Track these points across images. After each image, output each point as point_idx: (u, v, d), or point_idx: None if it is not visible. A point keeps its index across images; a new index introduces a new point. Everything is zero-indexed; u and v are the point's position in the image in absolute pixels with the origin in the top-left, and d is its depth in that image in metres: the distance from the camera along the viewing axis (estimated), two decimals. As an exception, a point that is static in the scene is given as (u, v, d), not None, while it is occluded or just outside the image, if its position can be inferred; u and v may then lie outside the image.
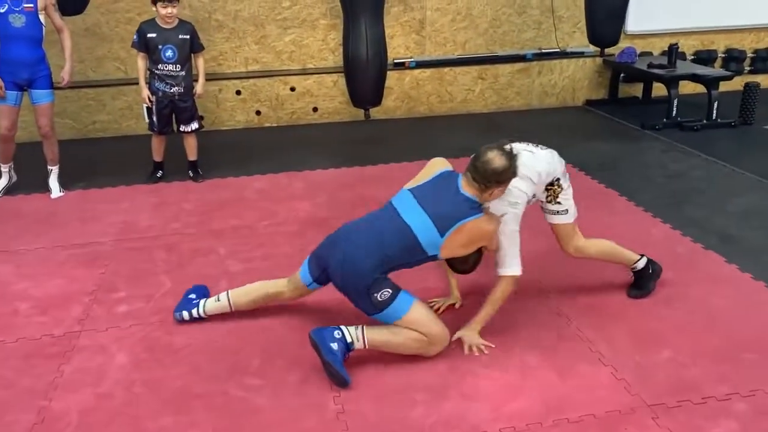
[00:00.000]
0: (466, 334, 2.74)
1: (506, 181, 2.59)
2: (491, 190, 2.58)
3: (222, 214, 4.16)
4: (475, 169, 2.57)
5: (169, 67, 4.48)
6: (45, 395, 2.50)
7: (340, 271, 2.63)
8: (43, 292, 3.25)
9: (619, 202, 4.26)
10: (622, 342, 2.78)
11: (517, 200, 2.70)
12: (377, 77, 5.15)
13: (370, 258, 2.57)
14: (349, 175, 4.87)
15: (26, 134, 5.26)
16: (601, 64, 6.72)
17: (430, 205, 2.61)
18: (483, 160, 2.55)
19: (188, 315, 2.93)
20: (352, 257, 2.59)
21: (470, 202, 2.59)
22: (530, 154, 2.81)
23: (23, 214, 4.21)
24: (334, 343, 2.53)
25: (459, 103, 6.57)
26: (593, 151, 5.31)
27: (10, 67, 4.25)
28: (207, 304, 2.93)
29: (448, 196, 2.62)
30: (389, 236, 2.60)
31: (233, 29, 6.06)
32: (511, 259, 2.68)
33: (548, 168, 2.82)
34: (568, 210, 2.94)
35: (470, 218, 2.55)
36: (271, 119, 6.24)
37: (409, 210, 2.64)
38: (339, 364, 2.49)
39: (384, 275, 2.60)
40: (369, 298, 2.57)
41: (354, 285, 2.61)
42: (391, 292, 2.58)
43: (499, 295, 2.73)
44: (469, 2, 6.42)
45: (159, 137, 4.74)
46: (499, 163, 2.54)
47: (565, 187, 2.91)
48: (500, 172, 2.54)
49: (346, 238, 2.68)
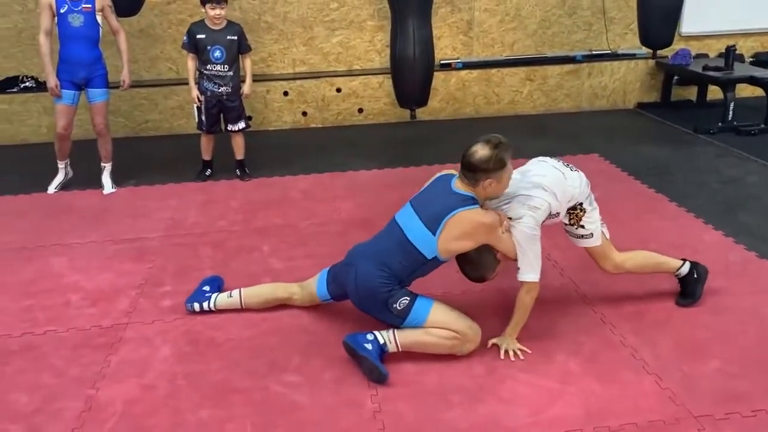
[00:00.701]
0: (502, 340, 2.71)
1: (493, 171, 2.54)
2: (482, 183, 2.57)
3: (266, 213, 4.22)
4: (462, 165, 2.60)
5: (217, 67, 4.57)
6: (92, 384, 2.57)
7: (355, 291, 2.70)
8: (93, 285, 3.35)
9: (670, 207, 4.14)
10: (668, 350, 2.70)
11: (537, 206, 2.64)
12: (424, 77, 5.14)
13: (380, 273, 2.62)
14: (392, 176, 4.88)
15: (81, 132, 5.45)
16: (654, 66, 6.55)
17: (422, 209, 2.66)
18: (468, 152, 2.59)
19: (199, 306, 3.00)
20: (363, 276, 2.65)
21: (461, 196, 2.59)
22: (559, 175, 2.76)
23: (77, 209, 4.36)
24: (368, 344, 2.57)
25: (506, 105, 6.51)
26: (644, 154, 5.18)
27: (69, 66, 4.41)
28: (218, 299, 3.01)
29: (441, 196, 2.65)
30: (392, 250, 2.65)
31: (282, 31, 6.15)
32: (528, 264, 2.62)
33: (573, 191, 2.76)
34: (593, 234, 2.86)
35: (459, 210, 2.55)
36: (316, 120, 6.31)
37: (408, 220, 2.68)
38: (376, 359, 2.52)
39: (399, 286, 2.62)
40: (389, 310, 2.61)
41: (372, 302, 2.65)
42: (408, 300, 2.60)
43: (521, 300, 2.67)
44: (519, 3, 6.36)
45: (207, 136, 4.84)
46: (482, 153, 2.55)
47: (588, 210, 2.84)
48: (483, 161, 2.53)
49: (357, 260, 2.73)
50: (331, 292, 2.88)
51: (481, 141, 2.60)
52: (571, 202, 2.78)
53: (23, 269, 3.54)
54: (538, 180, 2.72)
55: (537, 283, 2.65)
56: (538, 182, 2.71)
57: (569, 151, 5.23)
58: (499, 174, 2.57)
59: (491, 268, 2.71)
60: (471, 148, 2.59)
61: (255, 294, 3.02)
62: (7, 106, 5.87)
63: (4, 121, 5.90)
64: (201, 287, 3.09)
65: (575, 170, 2.84)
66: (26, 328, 2.97)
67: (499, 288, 3.08)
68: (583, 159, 5.06)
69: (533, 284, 2.65)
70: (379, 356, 2.55)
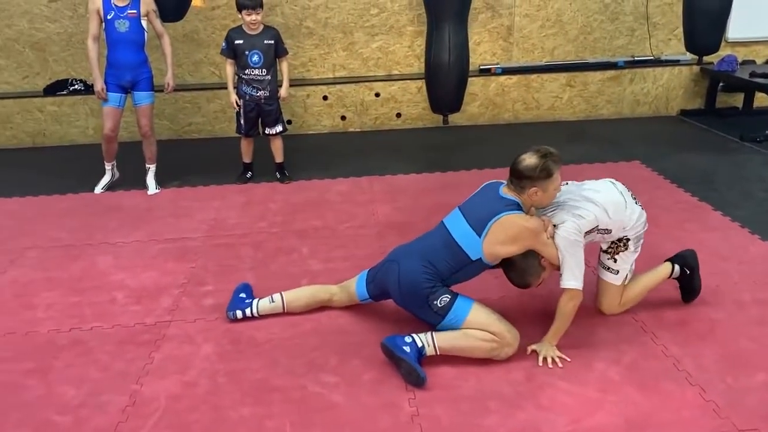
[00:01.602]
0: (540, 346, 2.70)
1: (539, 180, 2.57)
2: (528, 191, 2.60)
3: (305, 215, 4.27)
4: (510, 171, 2.65)
5: (255, 71, 4.64)
6: (136, 380, 2.64)
7: (398, 289, 2.73)
8: (137, 283, 3.44)
9: (714, 216, 4.06)
10: (711, 361, 2.65)
11: (583, 216, 2.63)
12: (458, 84, 5.14)
13: (423, 269, 2.65)
14: (430, 180, 4.89)
15: (127, 134, 5.60)
16: (698, 72, 6.42)
17: (469, 212, 2.71)
18: (516, 160, 2.64)
19: (241, 314, 3.02)
20: (406, 273, 2.69)
21: (507, 201, 2.64)
22: (620, 198, 2.74)
23: (122, 209, 4.47)
24: (407, 347, 2.58)
25: (545, 111, 6.46)
26: (687, 162, 5.08)
27: (115, 70, 4.54)
28: (261, 305, 3.03)
29: (488, 200, 2.70)
30: (437, 248, 2.69)
31: (322, 36, 6.22)
32: (569, 271, 2.59)
33: (628, 222, 2.74)
34: (619, 272, 2.85)
35: (504, 213, 2.58)
36: (355, 124, 6.35)
37: (455, 222, 2.74)
38: (414, 361, 2.53)
39: (441, 284, 2.65)
40: (430, 307, 2.63)
41: (413, 298, 2.68)
42: (449, 297, 2.63)
43: (562, 308, 2.64)
44: (560, 9, 6.31)
45: (247, 139, 4.91)
46: (529, 161, 2.59)
47: (630, 250, 2.81)
48: (530, 169, 2.57)
49: (401, 258, 2.77)
50: (370, 292, 2.91)
51: (531, 150, 2.64)
52: (622, 233, 2.76)
53: (71, 266, 3.65)
54: (590, 195, 2.71)
55: (579, 291, 2.62)
56: (589, 197, 2.69)
57: (610, 158, 5.17)
58: (545, 183, 2.59)
59: (536, 275, 2.70)
60: (520, 156, 2.64)
61: (296, 297, 3.05)
62: (57, 108, 6.06)
63: (53, 123, 6.10)
64: (237, 295, 3.11)
65: (640, 206, 2.82)
66: (74, 324, 3.06)
67: (537, 294, 3.06)
68: (624, 166, 4.99)
69: (575, 291, 2.62)
70: (417, 359, 2.57)
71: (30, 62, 6.12)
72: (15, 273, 3.58)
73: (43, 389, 2.60)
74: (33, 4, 5.94)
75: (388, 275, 2.78)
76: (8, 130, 6.08)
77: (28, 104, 6.05)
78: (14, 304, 3.25)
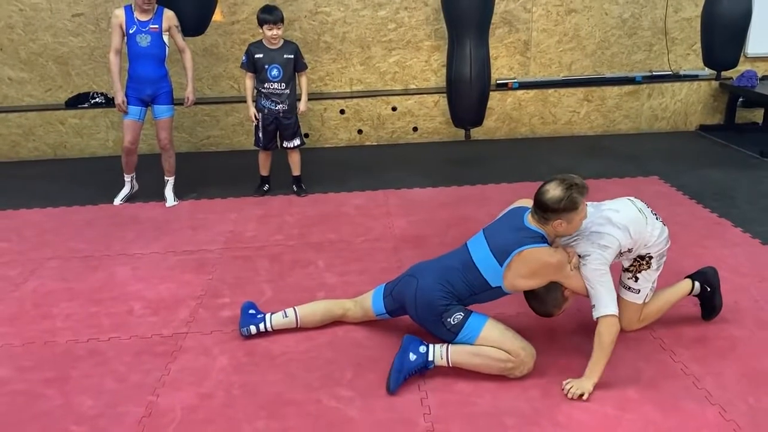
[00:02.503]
0: (580, 383, 2.54)
1: (563, 212, 2.48)
2: (552, 223, 2.53)
3: (321, 228, 4.29)
4: (534, 201, 2.57)
5: (274, 85, 4.68)
6: (153, 391, 2.65)
7: (414, 303, 2.72)
8: (155, 294, 3.46)
9: (734, 233, 4.01)
10: (732, 380, 2.61)
11: (608, 245, 2.59)
12: (480, 98, 5.16)
13: (441, 287, 2.65)
14: (446, 194, 4.89)
15: (146, 146, 5.67)
16: (717, 87, 6.38)
17: (492, 237, 2.66)
18: (540, 190, 2.53)
19: (255, 329, 2.98)
20: (423, 289, 2.69)
21: (531, 232, 2.57)
22: (640, 217, 2.70)
23: (141, 221, 4.51)
24: (414, 355, 2.61)
25: (563, 125, 6.44)
26: (706, 178, 5.04)
27: (136, 83, 4.60)
28: (274, 320, 3.00)
29: (511, 228, 2.63)
30: (456, 269, 2.67)
31: (340, 51, 6.26)
32: (600, 299, 2.53)
33: (650, 238, 2.70)
34: (640, 291, 2.80)
35: (527, 246, 2.53)
36: (372, 138, 6.38)
37: (477, 246, 2.70)
38: (397, 372, 2.57)
39: (456, 303, 2.65)
40: (443, 324, 2.64)
41: (428, 315, 2.68)
42: (463, 315, 2.63)
43: (601, 338, 2.53)
44: (577, 24, 6.32)
45: (265, 152, 4.95)
46: (554, 193, 2.48)
47: (654, 268, 2.77)
48: (554, 202, 2.48)
49: (419, 273, 2.77)
50: (387, 306, 2.90)
51: (556, 179, 2.53)
52: (644, 250, 2.72)
53: (90, 277, 3.68)
54: (610, 215, 2.66)
55: (616, 317, 2.52)
56: (609, 217, 2.65)
57: (628, 173, 5.14)
58: (570, 215, 2.51)
59: (558, 305, 2.69)
60: (544, 186, 2.54)
61: (310, 312, 3.03)
62: (78, 120, 6.15)
63: (74, 135, 6.19)
64: (247, 311, 3.04)
65: (661, 222, 2.79)
66: (92, 334, 3.09)
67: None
68: (643, 181, 4.96)
69: (612, 318, 2.51)
70: (415, 370, 2.60)
71: (53, 76, 6.22)
72: (35, 283, 3.63)
73: (61, 399, 2.62)
74: (57, 19, 6.05)
75: (405, 289, 2.78)
76: (31, 142, 6.18)
77: (50, 117, 6.15)
78: (34, 314, 3.29)
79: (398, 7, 6.18)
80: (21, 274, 3.73)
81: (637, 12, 6.32)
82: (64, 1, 6.01)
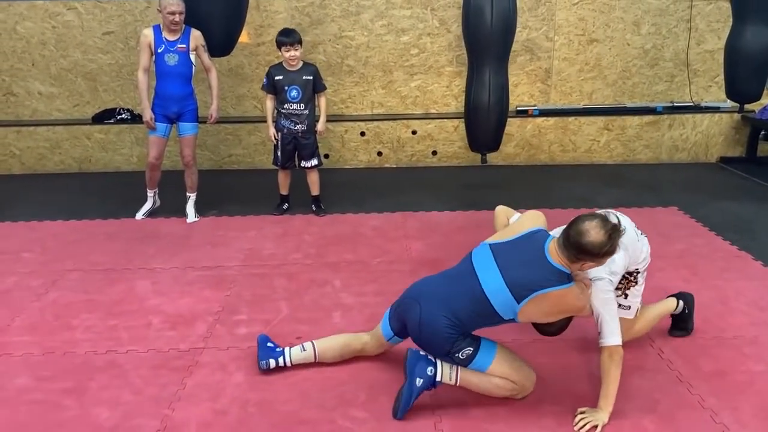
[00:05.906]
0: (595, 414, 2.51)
1: (600, 257, 2.34)
2: (583, 264, 2.38)
3: (339, 248, 4.31)
4: (567, 238, 2.35)
5: (294, 106, 4.75)
6: (168, 405, 2.68)
7: (417, 330, 2.61)
8: (173, 309, 3.50)
9: (754, 266, 3.98)
10: (750, 415, 2.57)
11: (616, 271, 2.58)
12: (497, 124, 5.18)
13: (446, 320, 2.51)
14: (463, 218, 4.90)
15: (169, 163, 5.75)
16: (739, 120, 6.36)
17: (508, 268, 2.46)
18: (578, 229, 2.32)
19: (275, 363, 2.89)
20: (428, 319, 2.55)
21: (557, 272, 2.39)
22: (633, 234, 2.71)
23: (162, 236, 4.58)
24: (421, 379, 2.57)
25: (582, 153, 6.45)
26: (726, 210, 5.01)
27: (163, 101, 4.70)
28: (293, 354, 2.91)
29: (531, 261, 2.44)
30: (463, 299, 2.52)
31: (363, 74, 6.35)
32: (608, 327, 2.50)
33: (640, 255, 2.72)
34: (630, 307, 2.83)
35: (555, 288, 2.38)
36: (391, 160, 6.43)
37: (486, 269, 2.51)
38: (406, 402, 2.55)
39: (463, 336, 2.56)
40: (452, 358, 2.59)
41: (434, 346, 2.59)
42: (472, 350, 2.56)
43: (608, 367, 2.50)
44: (599, 53, 6.35)
45: (284, 171, 5.01)
46: (596, 237, 2.28)
47: (640, 282, 2.81)
48: (595, 247, 2.29)
49: (422, 299, 2.62)
50: (393, 328, 2.81)
51: (597, 219, 2.32)
52: (632, 266, 2.73)
53: (110, 290, 3.74)
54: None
55: (618, 347, 2.49)
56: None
57: (647, 203, 5.12)
58: (603, 260, 2.39)
59: (564, 327, 2.68)
60: (583, 225, 2.32)
61: (329, 347, 2.94)
62: (104, 135, 6.28)
63: (100, 150, 6.30)
64: (264, 344, 2.95)
65: (644, 235, 2.80)
66: (110, 346, 3.13)
67: (566, 338, 3.02)
68: (662, 212, 4.94)
69: (613, 348, 2.49)
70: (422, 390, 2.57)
71: (81, 91, 6.37)
72: (56, 294, 3.68)
73: (79, 410, 2.65)
74: (88, 36, 6.21)
75: (408, 314, 2.65)
76: (57, 156, 6.31)
77: (77, 131, 6.28)
78: (54, 324, 3.34)
79: (421, 33, 6.26)
80: (43, 285, 3.79)
81: (659, 43, 6.35)
82: (96, 19, 6.17)
